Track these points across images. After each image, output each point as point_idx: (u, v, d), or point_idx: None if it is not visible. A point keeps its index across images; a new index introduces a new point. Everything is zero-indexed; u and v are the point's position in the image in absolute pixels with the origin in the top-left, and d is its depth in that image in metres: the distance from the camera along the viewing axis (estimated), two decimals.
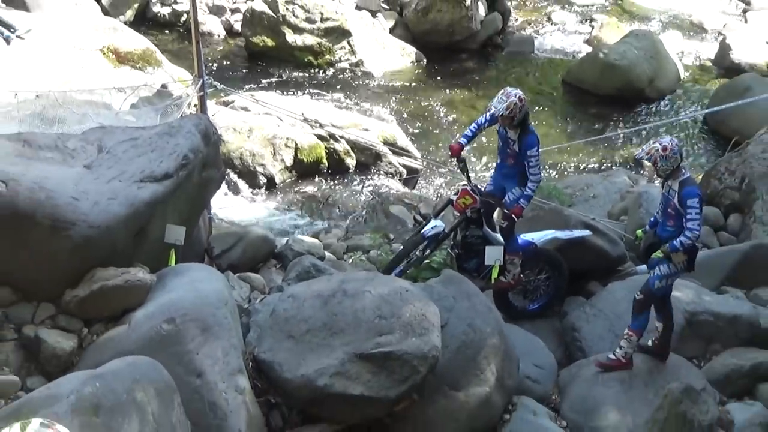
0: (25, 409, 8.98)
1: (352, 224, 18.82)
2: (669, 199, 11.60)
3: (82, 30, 20.44)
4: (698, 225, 11.38)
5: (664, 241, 11.70)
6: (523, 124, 12.99)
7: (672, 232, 11.63)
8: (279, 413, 11.62)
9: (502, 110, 12.81)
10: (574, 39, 29.41)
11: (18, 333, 11.23)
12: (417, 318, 11.42)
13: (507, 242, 13.36)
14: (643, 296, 12.00)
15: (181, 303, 11.11)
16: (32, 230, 11.08)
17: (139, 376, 9.72)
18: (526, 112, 13.06)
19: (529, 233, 13.78)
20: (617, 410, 12.02)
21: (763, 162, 16.82)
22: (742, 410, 12.05)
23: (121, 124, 13.77)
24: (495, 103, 12.99)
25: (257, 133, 19.76)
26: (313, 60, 25.71)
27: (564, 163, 22.13)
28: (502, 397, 11.97)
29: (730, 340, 13.09)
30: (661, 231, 11.83)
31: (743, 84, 23.89)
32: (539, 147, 13.02)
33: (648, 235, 12.07)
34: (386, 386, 11.07)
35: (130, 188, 11.79)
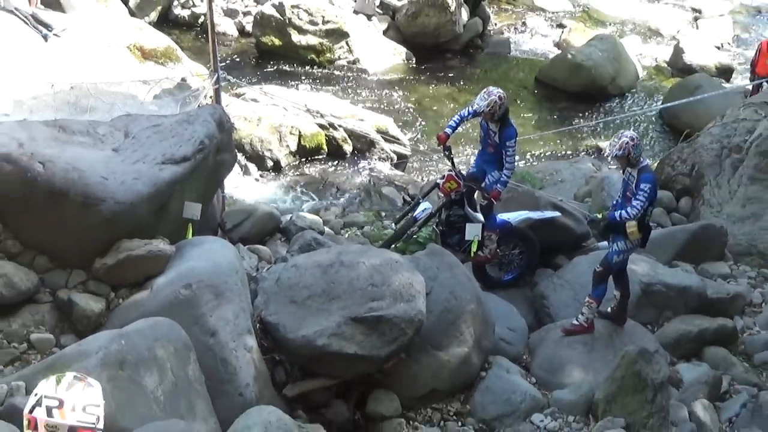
0: (59, 363, 9.00)
1: (348, 203, 18.81)
2: (629, 184, 11.66)
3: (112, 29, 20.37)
4: (641, 205, 11.50)
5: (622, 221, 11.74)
6: (503, 119, 13.06)
7: None
8: (282, 369, 11.62)
9: (483, 107, 12.93)
10: (546, 42, 29.34)
11: (53, 296, 11.25)
12: (405, 286, 11.42)
13: (486, 220, 13.37)
14: (602, 269, 12.06)
15: (197, 271, 11.12)
16: (66, 206, 11.08)
17: (160, 335, 9.74)
18: (506, 108, 13.13)
19: (505, 213, 13.77)
20: (580, 369, 12.05)
21: (710, 152, 16.82)
22: (690, 370, 12.08)
23: (145, 113, 13.74)
24: (478, 100, 13.07)
25: (265, 122, 19.70)
26: (316, 58, 25.62)
27: (536, 151, 22.12)
28: (479, 356, 11.98)
29: (680, 308, 13.11)
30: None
31: (694, 83, 23.89)
32: (516, 139, 13.10)
33: (609, 214, 12.09)
34: (377, 346, 11.08)
35: (153, 169, 11.78)
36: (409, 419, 11.55)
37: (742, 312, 13.56)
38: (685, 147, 17.85)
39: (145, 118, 13.13)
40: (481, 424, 11.51)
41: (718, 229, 15.00)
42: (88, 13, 21.06)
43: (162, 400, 9.34)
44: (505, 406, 11.54)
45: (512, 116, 22.57)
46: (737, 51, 29.67)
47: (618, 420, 10.58)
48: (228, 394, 10.45)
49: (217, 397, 10.27)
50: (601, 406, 11.01)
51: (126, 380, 9.13)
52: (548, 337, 12.66)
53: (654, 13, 32.40)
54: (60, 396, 4.92)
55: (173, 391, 9.52)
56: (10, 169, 11.10)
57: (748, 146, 16.23)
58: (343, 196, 19.26)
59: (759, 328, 13.23)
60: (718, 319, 12.96)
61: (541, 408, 11.51)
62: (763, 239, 15.26)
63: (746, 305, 13.73)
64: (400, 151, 21.36)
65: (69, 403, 4.91)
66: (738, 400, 11.37)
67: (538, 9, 32.00)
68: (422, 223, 13.83)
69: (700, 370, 12.02)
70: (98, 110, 13.89)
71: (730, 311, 13.35)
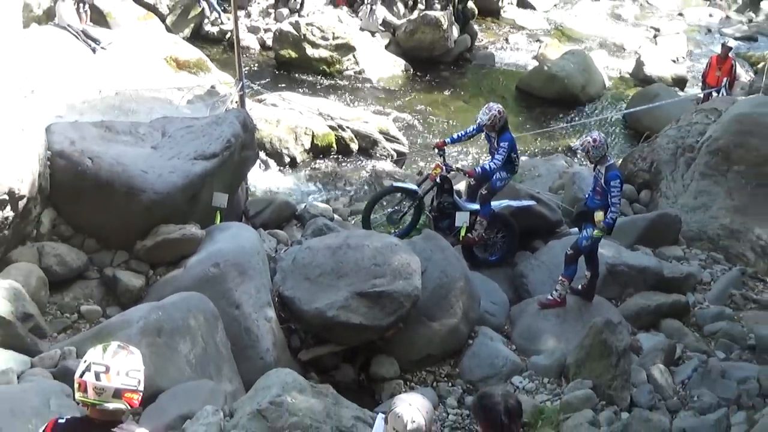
0: (105, 331, 9.02)
1: (355, 193, 18.80)
2: (597, 179, 11.69)
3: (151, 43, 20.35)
4: (619, 200, 11.63)
5: (591, 210, 11.81)
6: (502, 128, 13.14)
7: (598, 203, 11.71)
8: (297, 337, 11.65)
9: (485, 120, 13.01)
10: (526, 55, 29.29)
11: (100, 273, 11.29)
12: (403, 265, 11.42)
13: (481, 207, 13.38)
14: (573, 251, 12.09)
15: (224, 252, 11.14)
16: (112, 195, 11.11)
17: (192, 307, 9.75)
18: (505, 119, 13.27)
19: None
20: (554, 338, 12.05)
21: (667, 151, 16.82)
22: (649, 339, 12.06)
23: (179, 115, 13.74)
24: (481, 115, 13.14)
25: (283, 124, 19.68)
26: (327, 68, 25.57)
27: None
28: (466, 326, 11.98)
29: (640, 285, 13.09)
30: (591, 203, 11.90)
31: (653, 91, 23.86)
32: (510, 144, 13.06)
33: (579, 205, 12.13)
34: (379, 317, 11.09)
35: (186, 164, 11.79)
36: (406, 380, 11.57)
37: (694, 289, 13.55)
38: (646, 147, 17.85)
39: (180, 120, 13.14)
40: (468, 385, 11.52)
41: (673, 217, 15.02)
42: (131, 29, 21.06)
43: (194, 364, 9.35)
44: (489, 370, 11.54)
45: None
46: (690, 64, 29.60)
47: (586, 382, 10.57)
48: (250, 359, 10.45)
49: (241, 361, 10.28)
50: (571, 369, 11.01)
51: (162, 346, 9.13)
52: (526, 310, 12.65)
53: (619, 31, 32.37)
54: (106, 362, 4.95)
55: (203, 355, 9.53)
56: (64, 163, 11.14)
57: (699, 146, 16.23)
58: (350, 188, 19.25)
59: (708, 303, 13.22)
60: (673, 295, 12.95)
61: (520, 371, 11.50)
62: (712, 226, 15.26)
63: (697, 283, 13.72)
64: (400, 149, 21.34)
65: (114, 368, 4.95)
66: (690, 365, 11.35)
67: (519, 27, 31.95)
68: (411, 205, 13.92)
69: (657, 339, 12.00)
70: (139, 113, 13.90)
71: (684, 288, 13.33)
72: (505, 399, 5.23)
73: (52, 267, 10.73)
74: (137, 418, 8.22)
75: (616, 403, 10.37)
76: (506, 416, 5.14)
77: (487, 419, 5.19)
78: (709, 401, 10.37)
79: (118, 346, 5.06)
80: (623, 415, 10.17)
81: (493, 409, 5.17)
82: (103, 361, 4.95)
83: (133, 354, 5.09)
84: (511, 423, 5.16)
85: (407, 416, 5.13)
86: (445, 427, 10.65)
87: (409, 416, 5.13)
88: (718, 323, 12.57)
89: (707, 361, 11.38)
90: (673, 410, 10.43)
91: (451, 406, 11.10)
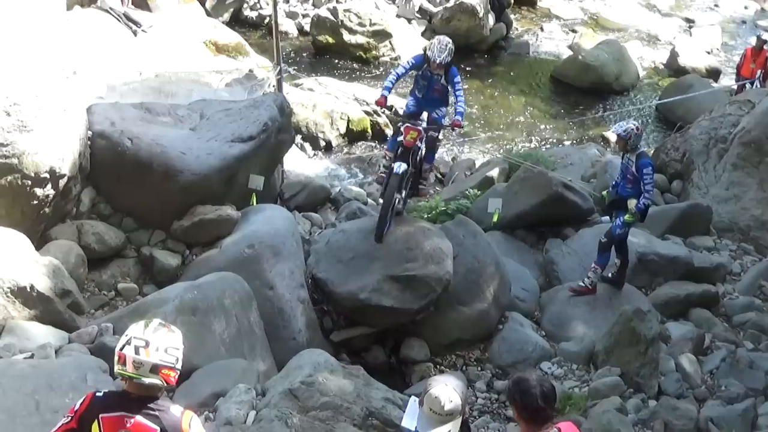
0: (141, 309, 9.07)
1: None
2: (628, 168, 11.62)
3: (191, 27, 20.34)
4: (652, 187, 11.62)
5: (624, 199, 11.77)
6: (450, 64, 11.83)
7: (630, 191, 11.68)
8: (330, 318, 11.68)
9: (445, 58, 11.62)
10: (560, 44, 29.03)
11: (137, 252, 11.35)
12: (435, 250, 11.42)
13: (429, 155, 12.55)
14: (607, 239, 12.02)
15: (259, 233, 11.17)
16: (150, 175, 11.16)
17: (227, 286, 9.77)
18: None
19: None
20: (584, 324, 12.01)
21: (700, 142, 16.66)
22: (678, 328, 11.98)
23: (218, 98, 13.75)
24: (436, 52, 11.53)
25: (319, 108, 19.65)
26: (363, 55, 25.48)
27: (549, 138, 21.96)
28: (497, 311, 11.96)
29: (670, 275, 13.01)
30: (622, 191, 11.86)
31: (687, 82, 23.63)
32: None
33: (611, 193, 12.05)
34: (410, 300, 11.10)
35: (224, 146, 11.81)
36: (436, 363, 11.58)
37: (724, 280, 13.46)
38: (678, 137, 17.70)
39: (218, 103, 13.16)
40: (497, 370, 11.52)
41: (705, 208, 14.90)
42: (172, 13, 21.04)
43: (227, 342, 9.38)
44: (519, 355, 11.53)
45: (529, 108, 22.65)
46: (725, 56, 29.26)
47: (615, 369, 10.54)
48: (283, 339, 10.49)
49: (274, 340, 10.31)
50: (600, 356, 10.98)
51: (197, 325, 9.16)
52: (557, 296, 12.61)
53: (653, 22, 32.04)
54: (147, 338, 4.99)
55: (237, 335, 9.56)
56: (104, 143, 11.20)
57: (732, 137, 16.08)
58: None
59: (738, 294, 13.13)
60: (703, 285, 12.86)
61: (549, 357, 11.48)
62: (744, 217, 15.13)
63: (727, 274, 13.64)
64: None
65: (154, 344, 4.99)
66: (718, 355, 11.28)
67: (554, 16, 31.67)
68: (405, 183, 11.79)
69: (686, 328, 11.93)
70: (178, 95, 13.91)
71: (713, 279, 13.24)
72: (540, 383, 5.21)
73: (91, 245, 10.80)
74: (171, 395, 8.25)
75: (643, 391, 10.33)
76: (542, 400, 5.12)
77: (523, 402, 5.16)
78: (736, 391, 10.33)
79: (160, 323, 5.10)
80: (651, 403, 10.14)
81: (529, 393, 5.14)
82: (143, 336, 4.99)
83: (173, 332, 5.14)
84: (547, 406, 5.14)
85: (444, 397, 5.10)
86: (474, 410, 10.65)
87: (446, 397, 5.10)
88: (747, 314, 12.48)
89: (735, 352, 11.30)
90: (700, 399, 10.39)
91: (480, 390, 11.10)
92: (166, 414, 5.04)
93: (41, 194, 10.03)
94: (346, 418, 8.06)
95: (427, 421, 5.17)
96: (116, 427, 4.97)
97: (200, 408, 8.05)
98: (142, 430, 4.98)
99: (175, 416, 5.07)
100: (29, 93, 9.73)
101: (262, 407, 8.07)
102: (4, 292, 8.83)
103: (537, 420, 5.16)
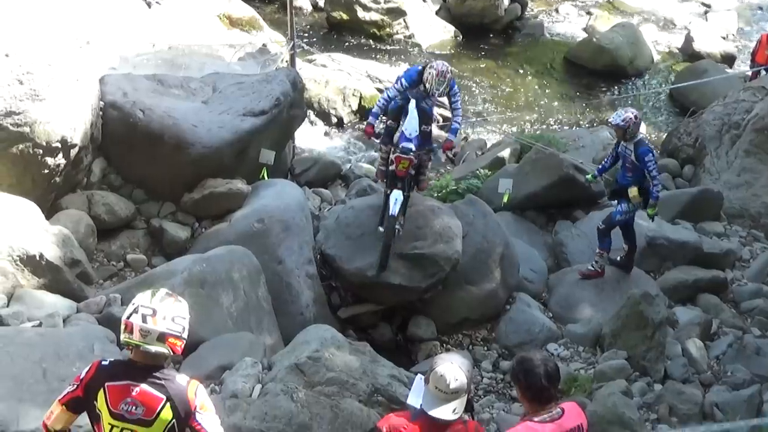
0: (149, 280, 9.08)
1: None
2: (626, 156, 11.64)
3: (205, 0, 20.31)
4: (658, 173, 11.67)
5: (623, 187, 11.79)
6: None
7: (630, 180, 11.71)
8: (338, 294, 11.70)
9: (443, 91, 11.24)
10: (575, 26, 28.90)
11: (147, 224, 11.39)
12: (444, 229, 11.40)
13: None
14: (604, 226, 12.10)
15: (269, 208, 11.18)
16: (161, 147, 11.18)
17: (235, 260, 9.79)
18: None
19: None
20: (591, 307, 11.99)
21: (713, 127, 16.59)
22: (685, 313, 11.97)
23: (230, 72, 13.73)
24: (435, 85, 10.99)
25: (332, 84, 19.60)
26: (377, 32, 25.39)
27: (562, 119, 21.89)
28: (505, 292, 11.95)
29: (680, 259, 12.98)
30: (622, 180, 11.90)
31: (701, 67, 23.49)
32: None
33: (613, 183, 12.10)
34: (418, 279, 11.09)
35: (235, 120, 11.82)
36: (443, 342, 11.59)
37: (733, 266, 13.41)
38: (691, 122, 17.63)
39: (231, 76, 13.16)
40: (504, 350, 11.52)
41: (716, 193, 14.83)
42: None
43: (235, 316, 9.40)
44: (525, 336, 11.53)
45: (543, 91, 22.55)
46: (740, 42, 29.08)
47: (621, 352, 10.54)
48: (290, 314, 10.50)
49: (281, 315, 10.32)
50: (607, 339, 10.98)
51: (205, 297, 9.18)
52: (565, 278, 12.60)
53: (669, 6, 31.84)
54: (154, 306, 5.02)
55: (244, 308, 9.57)
56: (116, 114, 11.22)
57: (745, 124, 16.01)
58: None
59: (746, 281, 13.08)
60: (712, 271, 12.83)
61: (556, 338, 11.48)
62: (754, 204, 15.07)
63: (736, 260, 13.58)
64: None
65: (161, 312, 5.01)
66: (725, 340, 11.27)
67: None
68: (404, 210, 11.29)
69: (693, 313, 11.91)
70: (191, 68, 13.89)
71: (722, 264, 13.20)
72: (545, 363, 5.21)
73: (101, 215, 10.83)
74: (178, 366, 8.27)
75: (649, 375, 10.33)
76: (546, 379, 5.11)
77: (527, 382, 5.16)
78: (742, 377, 10.32)
79: (167, 293, 5.13)
80: (656, 387, 10.15)
81: (533, 372, 5.14)
82: (151, 305, 5.01)
83: (180, 302, 5.16)
84: (551, 386, 5.14)
85: (450, 375, 5.10)
86: (480, 389, 10.65)
87: (452, 375, 5.11)
88: (756, 300, 12.45)
89: (742, 338, 11.30)
90: (706, 384, 10.38)
91: (486, 369, 11.10)
92: (172, 383, 5.05)
93: (52, 163, 10.04)
94: (351, 394, 8.07)
95: (432, 399, 5.19)
96: (122, 395, 4.98)
97: (206, 380, 8.07)
98: (147, 398, 4.99)
99: (181, 385, 5.08)
100: (42, 62, 9.74)
101: (268, 381, 8.08)
102: (14, 260, 8.86)
103: (540, 400, 5.16)
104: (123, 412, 4.98)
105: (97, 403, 5.02)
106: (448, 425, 5.20)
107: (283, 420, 7.50)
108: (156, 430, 5.03)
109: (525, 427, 5.16)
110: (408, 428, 5.25)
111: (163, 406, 5.00)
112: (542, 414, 5.16)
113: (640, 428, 8.95)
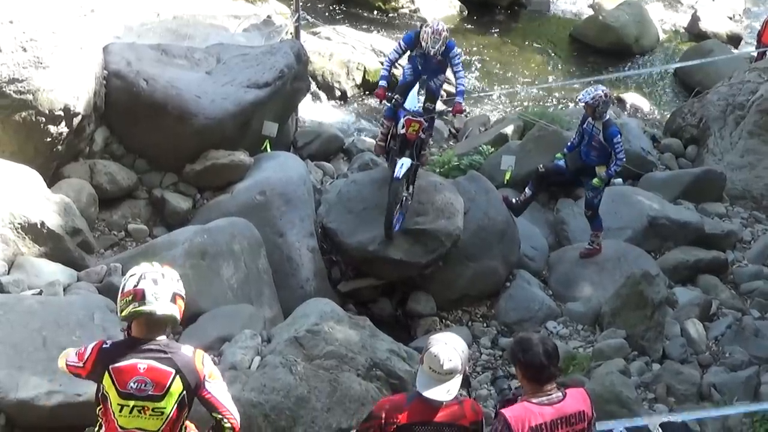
0: (151, 250, 9.10)
1: None
2: (593, 135, 11.68)
3: None
4: (623, 154, 11.63)
5: (589, 166, 11.86)
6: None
7: (594, 159, 11.80)
8: (338, 268, 11.71)
9: (440, 48, 11.01)
10: (581, 4, 28.78)
11: (149, 194, 11.38)
12: (446, 205, 11.39)
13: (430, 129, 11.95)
14: (590, 211, 12.18)
15: (271, 180, 11.18)
16: (164, 117, 11.16)
17: (237, 232, 9.80)
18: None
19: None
20: (591, 285, 12.00)
21: (717, 107, 16.53)
22: (685, 293, 11.98)
23: (235, 43, 13.68)
24: (431, 43, 10.89)
25: (336, 58, 19.53)
26: (382, 5, 25.29)
27: (566, 97, 21.82)
28: (505, 269, 11.95)
29: (681, 240, 12.99)
30: (587, 158, 11.92)
31: (707, 47, 23.39)
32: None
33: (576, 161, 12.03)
34: (419, 254, 11.10)
35: (239, 91, 11.79)
36: (442, 318, 11.61)
37: (734, 247, 13.42)
38: (695, 102, 17.57)
39: (235, 48, 13.12)
40: (503, 327, 11.54)
41: (718, 174, 14.81)
42: None
43: (235, 288, 9.41)
44: (525, 313, 11.55)
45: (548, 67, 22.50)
46: (746, 22, 28.96)
47: (620, 331, 10.54)
48: (291, 287, 10.51)
49: (282, 288, 10.34)
50: (606, 318, 10.99)
51: (206, 269, 9.19)
52: (565, 256, 12.60)
53: None
54: (160, 270, 5.15)
55: (245, 280, 9.58)
56: (119, 83, 11.19)
57: (750, 105, 15.96)
58: None
59: (747, 262, 13.09)
60: (713, 252, 12.84)
61: (555, 316, 11.49)
62: (757, 185, 15.05)
63: (737, 241, 13.58)
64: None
65: (168, 275, 5.14)
66: (724, 321, 11.27)
67: None
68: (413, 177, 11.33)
69: (693, 294, 11.92)
70: (195, 38, 13.83)
71: (723, 245, 13.21)
72: (543, 341, 5.23)
73: (103, 184, 10.82)
74: (177, 337, 8.29)
75: (648, 354, 10.35)
76: (545, 357, 5.12)
77: (526, 360, 5.16)
78: (740, 358, 10.33)
79: (156, 264, 5.20)
80: (654, 367, 10.17)
81: (532, 351, 5.15)
82: (155, 270, 5.13)
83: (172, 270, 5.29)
84: (550, 364, 5.14)
85: (444, 355, 5.13)
86: (478, 366, 10.67)
87: (445, 356, 5.13)
88: (756, 282, 12.45)
89: (742, 319, 11.30)
90: (704, 365, 10.40)
91: (485, 346, 11.12)
92: (177, 355, 5.08)
93: (55, 132, 10.02)
94: (350, 368, 8.08)
95: (426, 379, 5.22)
96: (130, 375, 4.99)
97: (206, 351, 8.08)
98: (156, 374, 5.00)
99: (187, 356, 5.13)
100: (46, 29, 9.70)
101: (267, 353, 8.10)
102: (15, 227, 8.86)
103: (541, 379, 5.16)
104: (133, 391, 4.99)
105: (104, 385, 5.04)
106: (442, 406, 5.23)
107: (282, 392, 7.51)
108: (167, 403, 5.05)
109: (522, 408, 5.17)
110: (404, 410, 5.27)
111: (173, 379, 5.03)
112: (541, 396, 5.17)
113: (637, 407, 8.96)
